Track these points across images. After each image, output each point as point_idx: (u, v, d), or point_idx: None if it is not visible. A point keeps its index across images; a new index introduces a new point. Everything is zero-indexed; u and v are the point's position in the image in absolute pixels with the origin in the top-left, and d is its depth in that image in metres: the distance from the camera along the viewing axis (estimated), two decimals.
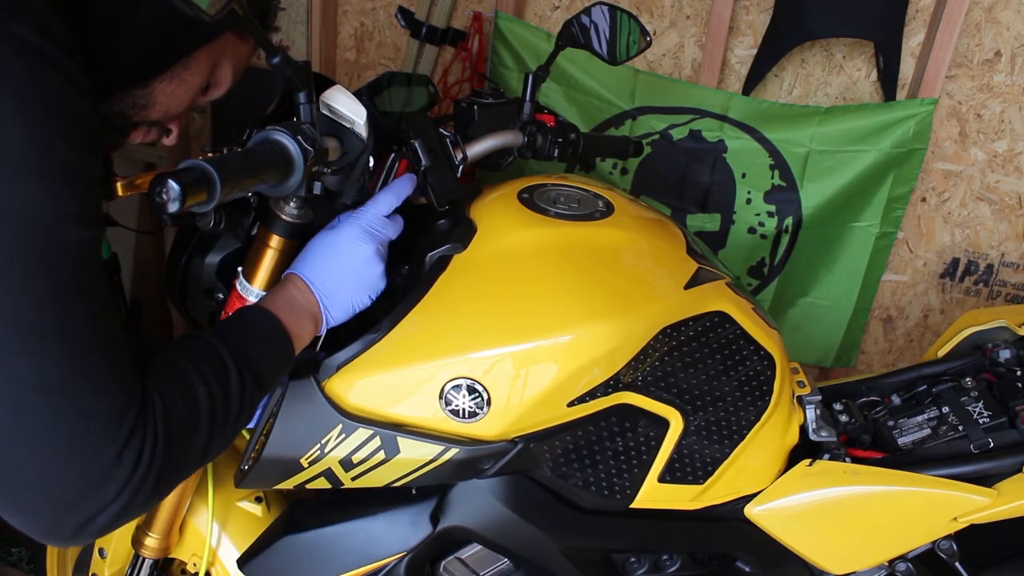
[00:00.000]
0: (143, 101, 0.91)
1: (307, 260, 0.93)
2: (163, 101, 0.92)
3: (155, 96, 0.91)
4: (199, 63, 0.92)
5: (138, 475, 0.69)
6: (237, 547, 1.19)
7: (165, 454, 0.71)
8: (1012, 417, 1.10)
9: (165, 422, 0.72)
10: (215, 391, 0.77)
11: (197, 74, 0.93)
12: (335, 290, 0.92)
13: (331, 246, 0.93)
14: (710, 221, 1.97)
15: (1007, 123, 1.84)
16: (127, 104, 0.90)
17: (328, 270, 0.92)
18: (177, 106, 0.95)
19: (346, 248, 0.93)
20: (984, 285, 1.99)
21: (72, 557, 1.48)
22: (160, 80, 0.90)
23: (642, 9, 1.98)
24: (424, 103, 1.13)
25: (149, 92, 0.91)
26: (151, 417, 0.71)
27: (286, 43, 2.26)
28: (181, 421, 0.74)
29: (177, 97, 0.93)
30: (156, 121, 0.95)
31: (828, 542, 1.09)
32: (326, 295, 0.92)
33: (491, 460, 0.94)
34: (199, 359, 0.78)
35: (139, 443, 0.69)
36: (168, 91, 0.92)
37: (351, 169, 0.94)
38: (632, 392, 0.97)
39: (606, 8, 1.24)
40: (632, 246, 1.05)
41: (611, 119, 1.96)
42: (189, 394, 0.75)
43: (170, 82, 0.91)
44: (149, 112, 0.93)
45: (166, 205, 0.68)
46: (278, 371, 0.87)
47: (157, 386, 0.73)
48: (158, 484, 0.72)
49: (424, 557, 1.04)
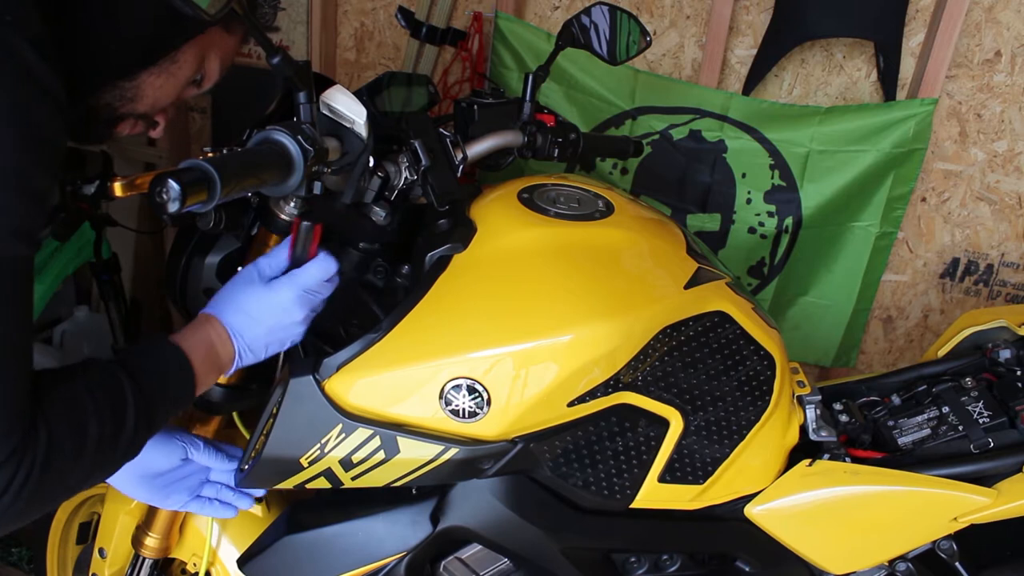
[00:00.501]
0: (131, 94, 0.91)
1: (235, 309, 0.91)
2: (151, 94, 0.93)
3: (143, 89, 0.92)
4: (187, 56, 0.93)
5: (8, 495, 0.69)
6: (237, 547, 1.19)
7: (37, 486, 0.71)
8: (1012, 417, 1.10)
9: (45, 455, 0.71)
10: (107, 429, 0.76)
11: (185, 67, 0.93)
12: (255, 346, 0.92)
13: (265, 305, 0.91)
14: (710, 221, 1.97)
15: (1007, 123, 1.84)
16: (115, 96, 0.91)
17: (256, 326, 0.91)
18: (165, 99, 0.95)
19: (278, 310, 0.91)
20: (984, 285, 1.99)
21: (72, 557, 1.48)
22: (148, 73, 0.91)
23: (642, 9, 1.98)
24: (424, 103, 1.13)
25: (137, 85, 0.91)
26: (31, 447, 0.70)
27: (286, 43, 2.26)
28: (62, 456, 0.73)
29: (165, 90, 0.94)
30: (143, 114, 0.95)
31: (828, 542, 1.09)
32: (247, 347, 0.91)
33: (491, 460, 0.94)
34: (100, 393, 0.77)
35: (11, 471, 0.69)
36: (156, 84, 0.92)
37: (351, 169, 0.94)
38: (632, 392, 0.97)
39: (606, 8, 1.24)
40: (632, 246, 1.05)
41: (611, 119, 1.96)
42: (78, 429, 0.74)
43: (158, 75, 0.92)
44: (137, 104, 0.93)
45: (166, 205, 0.68)
46: (168, 416, 0.86)
47: (47, 417, 0.72)
48: (21, 513, 0.71)
49: (424, 557, 1.04)
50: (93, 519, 1.47)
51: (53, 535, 1.45)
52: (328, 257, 0.95)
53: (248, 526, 1.19)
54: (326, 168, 0.88)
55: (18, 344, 0.72)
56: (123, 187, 0.88)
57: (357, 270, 1.06)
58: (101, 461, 0.77)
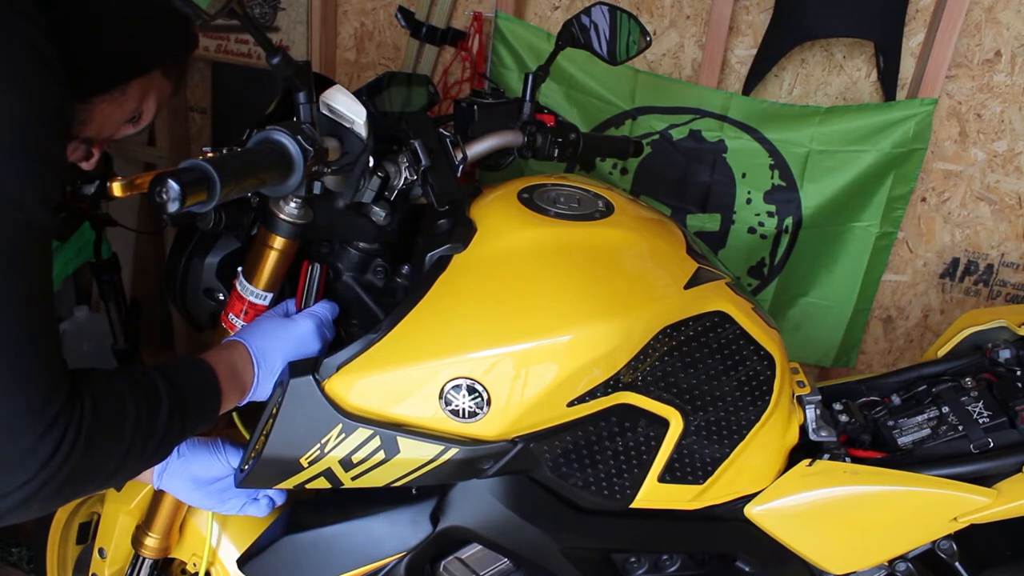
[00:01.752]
0: (83, 116, 0.95)
1: (260, 337, 0.96)
2: (99, 120, 0.97)
3: (93, 114, 0.96)
4: (133, 91, 0.98)
5: (51, 466, 0.69)
6: (237, 547, 1.19)
7: (84, 452, 0.71)
8: (1012, 417, 1.10)
9: (92, 419, 0.72)
10: (143, 418, 0.78)
11: (130, 101, 0.99)
12: (274, 373, 0.95)
13: (287, 335, 0.97)
14: (710, 221, 1.97)
15: (1007, 123, 1.84)
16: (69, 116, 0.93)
17: (277, 354, 0.95)
18: (109, 128, 1.00)
19: (300, 340, 0.97)
20: (984, 285, 1.99)
21: (72, 557, 1.48)
22: (101, 100, 0.95)
23: (642, 9, 1.98)
24: (424, 103, 1.13)
25: (89, 109, 0.95)
26: (77, 411, 0.71)
27: (286, 43, 2.26)
28: (107, 424, 0.74)
29: (111, 119, 0.98)
30: (87, 139, 0.99)
31: (828, 542, 1.09)
32: (265, 373, 0.95)
33: (491, 460, 0.94)
34: (137, 387, 0.79)
35: (59, 434, 0.69)
36: (105, 111, 0.96)
37: (351, 169, 0.94)
38: (632, 392, 0.97)
39: (606, 8, 1.24)
40: (632, 246, 1.05)
41: (611, 119, 1.96)
42: (120, 407, 0.76)
43: (108, 103, 0.96)
44: (84, 128, 0.97)
45: (166, 205, 0.68)
46: (198, 427, 0.88)
47: (91, 389, 0.74)
48: (67, 481, 0.71)
49: (424, 557, 1.04)
50: (93, 519, 1.47)
51: (53, 535, 1.45)
52: (333, 302, 1.03)
53: (248, 526, 1.19)
54: (326, 168, 0.88)
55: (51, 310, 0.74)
56: (122, 187, 0.88)
57: (357, 270, 1.06)
58: (139, 446, 0.78)
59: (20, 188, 0.69)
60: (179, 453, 1.01)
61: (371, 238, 1.04)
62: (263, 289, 0.99)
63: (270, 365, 0.95)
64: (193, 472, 1.00)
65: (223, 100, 2.38)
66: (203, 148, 0.84)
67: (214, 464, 1.01)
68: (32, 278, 0.71)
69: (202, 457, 1.01)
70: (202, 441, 1.03)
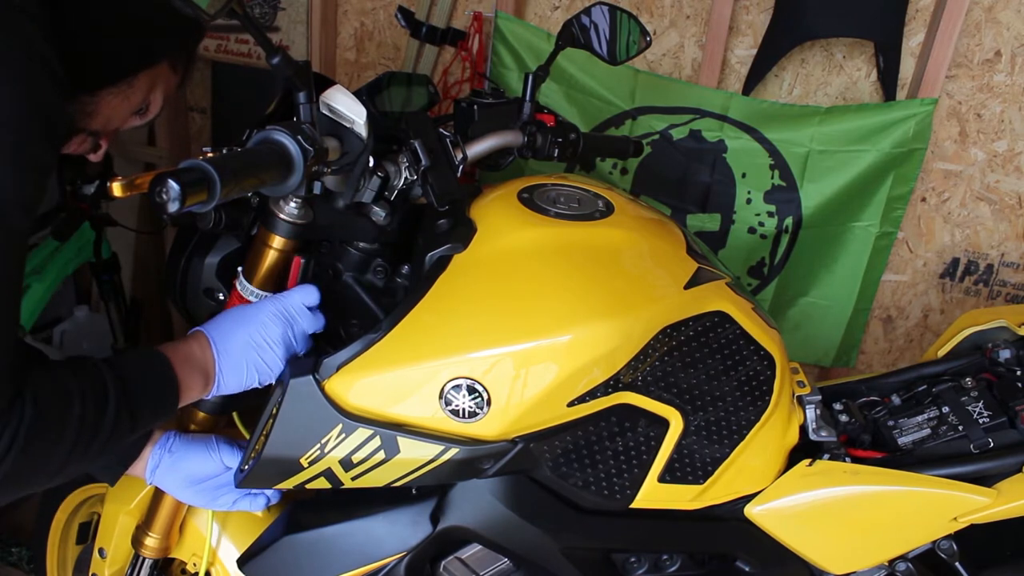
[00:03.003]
0: (90, 108, 0.95)
1: (218, 322, 0.95)
2: (106, 112, 0.97)
3: (100, 106, 0.95)
4: (140, 83, 0.98)
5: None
6: (237, 547, 1.19)
7: (20, 455, 0.72)
8: (1012, 417, 1.10)
9: (31, 424, 0.72)
10: (89, 416, 0.78)
11: (137, 93, 0.98)
12: (233, 356, 0.93)
13: (243, 317, 0.95)
14: (710, 221, 1.97)
15: (1007, 123, 1.84)
16: (75, 108, 0.94)
17: (232, 336, 0.93)
18: (116, 120, 0.99)
19: (255, 322, 0.94)
20: (984, 285, 1.99)
21: (72, 557, 1.48)
22: (108, 92, 0.95)
23: (642, 9, 1.98)
24: (424, 103, 1.13)
25: (96, 101, 0.95)
26: (16, 415, 0.72)
27: (286, 43, 2.26)
28: (48, 426, 0.74)
29: (118, 111, 0.98)
30: (95, 131, 0.99)
31: (828, 542, 1.09)
32: (223, 357, 0.93)
33: (491, 460, 0.94)
34: (85, 383, 0.79)
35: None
36: (113, 104, 0.96)
37: (351, 169, 0.94)
38: (632, 392, 0.97)
39: (606, 8, 1.24)
40: (632, 246, 1.05)
41: (611, 119, 1.96)
42: (63, 408, 0.76)
43: (115, 96, 0.96)
44: (92, 121, 0.96)
45: (166, 205, 0.68)
46: (155, 419, 0.88)
47: (35, 391, 0.74)
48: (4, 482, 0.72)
49: (424, 557, 1.04)
50: (93, 519, 1.47)
51: (53, 535, 1.45)
52: (310, 287, 0.98)
53: (248, 526, 1.19)
54: (326, 168, 0.88)
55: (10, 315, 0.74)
56: (122, 187, 0.88)
57: (357, 270, 1.06)
58: (82, 445, 0.78)
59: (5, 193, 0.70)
60: (171, 451, 1.01)
61: (371, 238, 1.04)
62: (263, 289, 0.99)
63: (230, 351, 0.93)
64: (186, 469, 1.01)
65: (223, 100, 2.38)
66: (203, 148, 0.84)
67: (207, 462, 1.01)
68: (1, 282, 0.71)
69: (195, 455, 1.01)
70: (196, 438, 1.03)
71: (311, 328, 0.98)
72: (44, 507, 1.44)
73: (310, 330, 0.98)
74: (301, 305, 0.97)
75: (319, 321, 0.99)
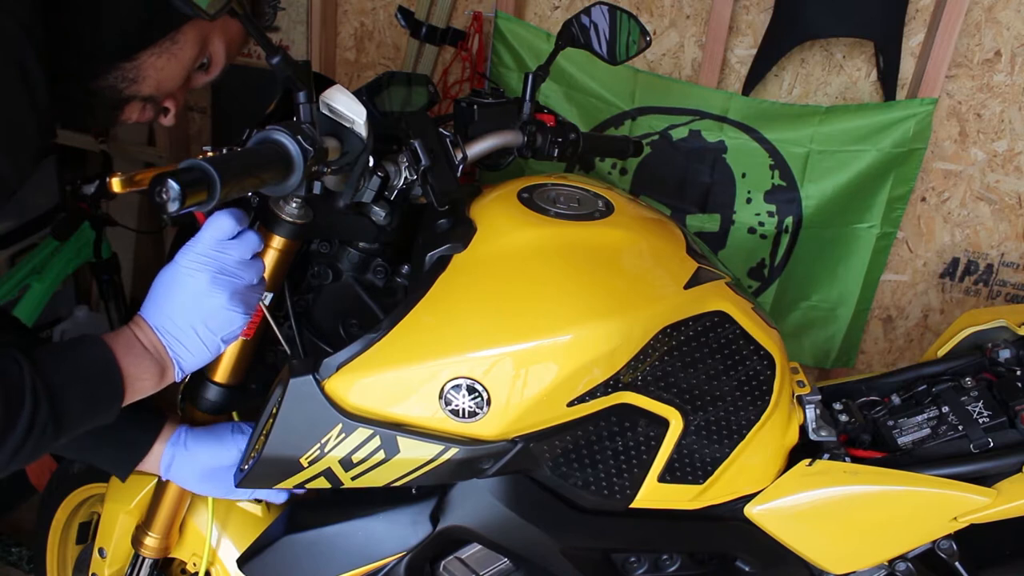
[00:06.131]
0: (132, 75, 0.91)
1: (149, 299, 0.85)
2: (153, 75, 0.92)
3: (144, 70, 0.91)
4: (187, 38, 0.92)
5: None
6: (237, 547, 1.19)
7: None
8: (1012, 417, 1.10)
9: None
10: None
11: (187, 49, 0.92)
12: (178, 328, 0.83)
13: (165, 281, 0.84)
14: (710, 221, 1.97)
15: (1007, 123, 1.84)
16: (117, 78, 0.91)
17: (164, 307, 0.83)
18: (169, 82, 0.94)
19: (177, 282, 0.83)
20: (984, 285, 1.99)
21: (72, 557, 1.48)
22: (149, 54, 0.90)
23: (642, 9, 1.98)
24: (424, 103, 1.13)
25: (138, 66, 0.91)
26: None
27: (286, 43, 2.27)
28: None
29: (168, 72, 0.93)
30: (150, 96, 0.95)
31: (828, 542, 1.09)
32: (168, 334, 0.84)
33: (491, 460, 0.94)
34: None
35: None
36: (159, 65, 0.92)
37: (351, 169, 0.94)
38: (632, 392, 0.97)
39: (606, 8, 1.24)
40: (632, 246, 1.05)
41: (611, 119, 1.96)
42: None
43: (160, 56, 0.91)
44: (140, 86, 0.93)
45: (166, 205, 0.68)
46: (92, 414, 0.79)
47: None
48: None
49: (424, 557, 1.04)
50: (93, 519, 1.47)
51: (53, 535, 1.45)
52: (219, 215, 0.84)
53: (248, 526, 1.19)
54: (326, 168, 0.88)
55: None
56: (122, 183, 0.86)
57: (357, 270, 1.06)
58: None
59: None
60: (186, 446, 0.98)
61: (371, 238, 1.04)
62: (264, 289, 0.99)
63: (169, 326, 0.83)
64: (201, 463, 0.98)
65: (223, 100, 2.38)
66: (203, 148, 0.83)
67: (222, 452, 0.96)
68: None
69: (208, 447, 0.97)
70: (208, 430, 1.01)
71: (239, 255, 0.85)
72: (44, 507, 1.44)
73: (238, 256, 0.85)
74: (215, 240, 0.84)
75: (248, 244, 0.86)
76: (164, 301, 0.83)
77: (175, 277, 0.83)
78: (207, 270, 0.83)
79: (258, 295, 0.89)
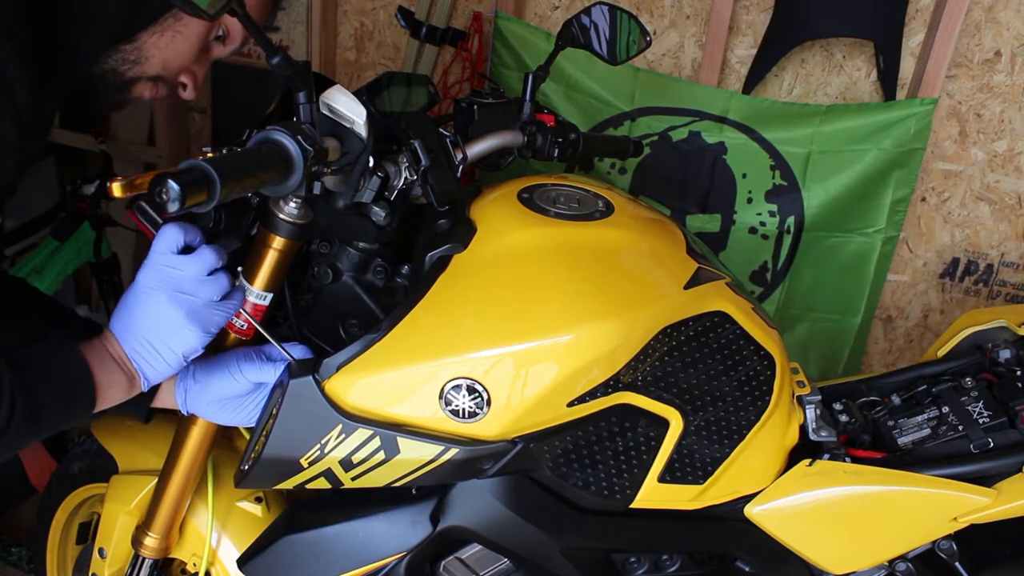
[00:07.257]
0: (134, 56, 0.89)
1: (117, 313, 0.88)
2: (157, 55, 0.90)
3: (146, 50, 0.89)
4: None
5: None
6: (237, 547, 1.19)
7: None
8: (1012, 417, 1.10)
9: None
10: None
11: (193, 24, 0.89)
12: (139, 343, 0.86)
13: (127, 297, 0.87)
14: (710, 222, 1.97)
15: (1007, 123, 1.84)
16: (118, 60, 0.89)
17: (126, 322, 0.86)
18: (178, 59, 0.92)
19: (138, 298, 0.85)
20: (984, 285, 1.99)
21: (72, 557, 1.48)
22: (149, 33, 0.88)
23: (642, 9, 1.98)
24: (424, 103, 1.13)
25: (138, 47, 0.89)
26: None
27: (286, 43, 2.27)
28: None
29: (174, 49, 0.91)
30: (157, 76, 0.93)
31: (828, 542, 1.09)
32: (131, 348, 0.87)
33: (491, 460, 0.94)
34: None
35: None
36: (161, 44, 0.90)
37: (351, 169, 0.94)
38: (632, 392, 0.97)
39: (606, 8, 1.24)
40: (632, 246, 1.05)
41: (610, 119, 1.96)
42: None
43: (162, 34, 0.89)
44: (144, 67, 0.91)
45: (166, 205, 0.68)
46: (66, 419, 0.82)
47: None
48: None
49: (424, 557, 1.04)
50: (93, 519, 1.47)
51: (53, 535, 1.45)
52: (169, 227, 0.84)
53: (248, 526, 1.19)
54: (326, 168, 0.88)
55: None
56: (122, 187, 0.86)
57: (357, 270, 1.06)
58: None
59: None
60: (196, 378, 0.97)
61: (371, 238, 1.04)
62: (263, 289, 0.99)
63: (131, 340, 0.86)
64: (214, 392, 0.96)
65: (223, 100, 2.38)
66: (203, 148, 0.83)
67: (231, 382, 0.95)
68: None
69: (219, 377, 0.96)
70: (216, 360, 0.98)
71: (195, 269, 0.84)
72: (44, 507, 1.44)
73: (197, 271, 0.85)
74: (165, 253, 0.84)
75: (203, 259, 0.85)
76: (127, 316, 0.86)
77: (136, 293, 0.85)
78: (164, 288, 0.84)
79: (225, 311, 0.90)
